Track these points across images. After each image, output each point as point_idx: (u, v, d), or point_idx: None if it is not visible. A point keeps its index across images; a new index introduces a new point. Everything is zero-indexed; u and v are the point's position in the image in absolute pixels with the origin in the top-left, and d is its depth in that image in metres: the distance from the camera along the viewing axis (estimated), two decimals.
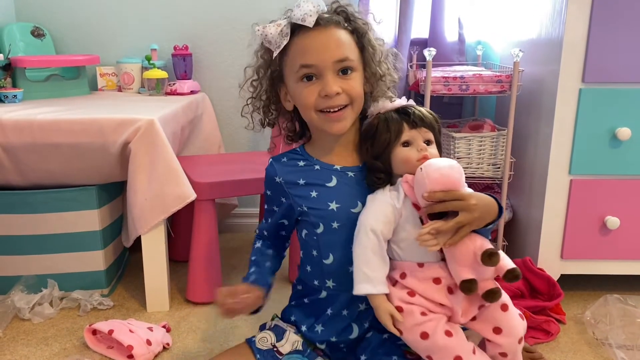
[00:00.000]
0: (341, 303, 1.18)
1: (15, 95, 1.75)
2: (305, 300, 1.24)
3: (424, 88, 1.71)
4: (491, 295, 1.03)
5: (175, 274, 1.84)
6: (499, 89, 1.72)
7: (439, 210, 1.03)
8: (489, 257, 0.99)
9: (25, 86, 1.82)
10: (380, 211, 1.08)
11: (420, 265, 1.07)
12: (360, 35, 1.15)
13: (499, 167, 1.77)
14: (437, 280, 1.06)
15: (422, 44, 2.10)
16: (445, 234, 1.02)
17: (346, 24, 1.13)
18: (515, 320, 1.08)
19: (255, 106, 1.23)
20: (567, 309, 1.61)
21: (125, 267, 1.92)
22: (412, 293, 1.06)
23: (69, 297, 1.64)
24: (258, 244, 1.30)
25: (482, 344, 1.15)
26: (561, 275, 1.66)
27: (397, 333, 1.06)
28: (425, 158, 1.07)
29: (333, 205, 1.15)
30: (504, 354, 1.09)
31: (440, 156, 1.12)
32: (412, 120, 1.10)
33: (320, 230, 1.16)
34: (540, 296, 1.61)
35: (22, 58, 1.85)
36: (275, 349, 1.21)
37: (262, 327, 1.31)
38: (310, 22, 1.08)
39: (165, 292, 1.62)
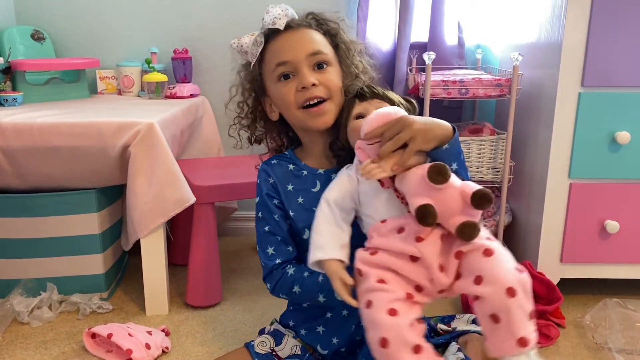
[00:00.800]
0: (341, 304, 1.17)
1: (15, 99, 1.75)
2: (304, 305, 1.24)
3: (424, 92, 1.71)
4: (466, 231, 0.86)
5: (174, 278, 1.83)
6: (499, 92, 1.72)
7: (382, 147, 0.95)
8: (478, 199, 0.86)
9: (25, 89, 1.82)
10: (335, 182, 1.06)
11: (384, 221, 0.97)
12: (332, 35, 1.19)
13: (498, 171, 1.77)
14: (400, 230, 0.93)
15: (421, 47, 2.10)
16: (390, 158, 0.94)
17: (317, 27, 1.18)
18: (501, 267, 0.86)
19: (242, 125, 1.26)
20: (566, 312, 1.61)
21: (125, 270, 1.92)
22: (374, 251, 0.94)
23: (68, 300, 1.63)
24: (290, 271, 1.16)
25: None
26: (561, 279, 1.65)
27: (352, 303, 0.93)
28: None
29: None
30: (494, 317, 0.84)
31: None
32: (360, 94, 1.10)
33: (306, 236, 1.15)
34: (540, 300, 1.61)
35: (22, 61, 1.85)
36: (274, 353, 1.21)
37: (262, 332, 1.31)
38: (280, 24, 1.13)
39: (164, 296, 1.62)
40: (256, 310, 1.64)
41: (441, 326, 1.37)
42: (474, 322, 1.43)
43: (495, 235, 1.81)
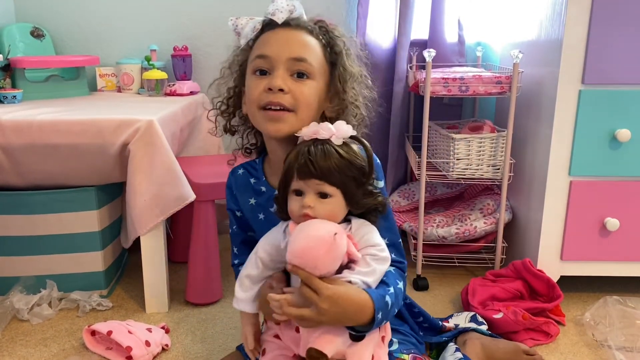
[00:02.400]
0: None
1: (14, 96, 1.75)
2: None
3: (424, 89, 1.71)
4: (314, 354, 0.93)
5: (174, 275, 1.83)
6: (499, 90, 1.72)
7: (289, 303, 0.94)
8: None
9: (24, 87, 1.82)
10: (269, 236, 1.04)
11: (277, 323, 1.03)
12: (333, 50, 1.09)
13: (498, 169, 1.77)
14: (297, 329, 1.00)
15: (421, 45, 2.10)
16: (292, 312, 0.94)
17: (320, 36, 1.09)
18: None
19: (220, 110, 1.18)
20: (566, 310, 1.61)
21: (125, 268, 1.92)
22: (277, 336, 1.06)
23: (67, 298, 1.64)
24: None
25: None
26: (561, 276, 1.65)
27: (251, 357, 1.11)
28: (306, 217, 0.95)
29: None
30: None
31: (354, 210, 1.00)
32: (301, 170, 0.95)
33: None
34: (540, 298, 1.61)
35: (21, 59, 1.85)
36: None
37: None
38: (279, 18, 1.05)
39: (164, 293, 1.62)
40: None
41: (445, 324, 1.37)
42: (473, 319, 1.44)
43: (495, 233, 1.81)
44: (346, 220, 1.00)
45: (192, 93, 2.05)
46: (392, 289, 0.98)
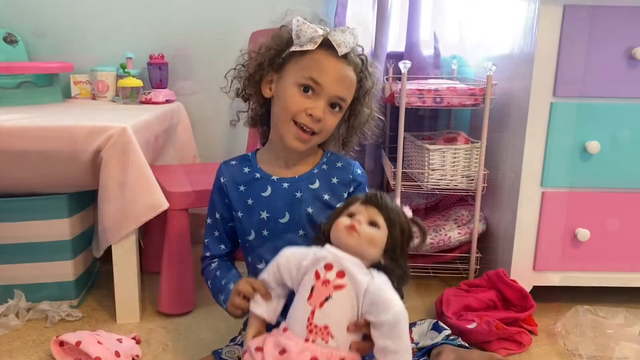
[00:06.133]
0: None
1: None
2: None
3: (399, 100, 1.72)
4: None
5: (146, 285, 1.80)
6: (473, 102, 1.74)
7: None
8: None
9: None
10: (298, 251, 1.07)
11: (285, 329, 1.02)
12: (362, 88, 1.23)
13: (472, 179, 1.79)
14: (282, 352, 0.98)
15: (398, 57, 2.12)
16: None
17: (360, 73, 1.21)
18: None
19: (240, 75, 1.26)
20: (539, 320, 1.62)
21: (96, 278, 1.88)
22: (260, 349, 1.02)
23: (36, 308, 1.59)
24: (213, 265, 1.32)
25: None
26: (533, 286, 1.67)
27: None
28: (353, 228, 1.02)
29: (264, 214, 1.22)
30: None
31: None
32: (367, 198, 1.07)
33: (251, 237, 1.24)
34: (513, 307, 1.62)
35: None
36: None
37: (233, 340, 1.31)
38: (342, 50, 1.15)
39: (136, 303, 1.59)
40: (229, 319, 1.59)
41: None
42: (434, 326, 1.44)
43: (469, 243, 1.82)
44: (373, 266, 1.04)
45: (168, 101, 2.04)
46: None
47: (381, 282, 0.99)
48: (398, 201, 1.14)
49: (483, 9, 2.00)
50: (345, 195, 1.24)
